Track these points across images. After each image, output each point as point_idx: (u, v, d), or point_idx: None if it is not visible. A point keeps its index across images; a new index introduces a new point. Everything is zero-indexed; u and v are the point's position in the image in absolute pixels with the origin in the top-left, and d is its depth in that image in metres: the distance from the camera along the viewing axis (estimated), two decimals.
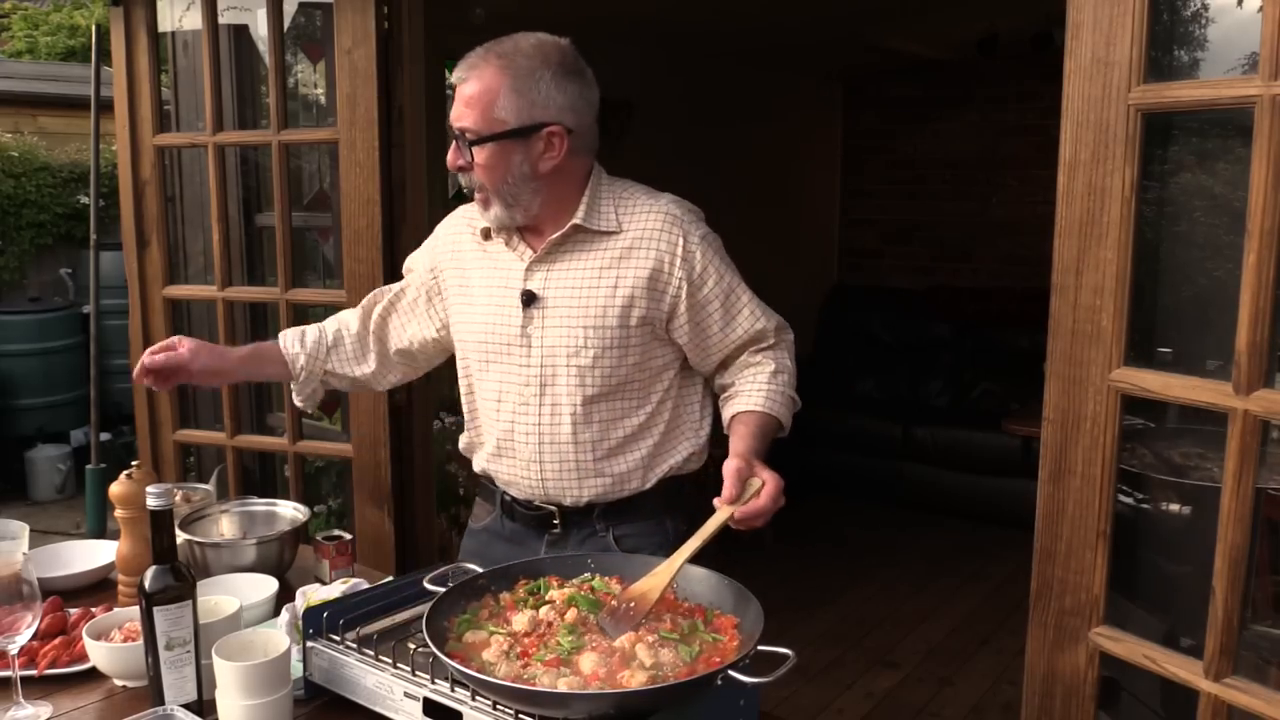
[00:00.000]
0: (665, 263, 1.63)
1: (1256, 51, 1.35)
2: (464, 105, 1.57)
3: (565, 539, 1.74)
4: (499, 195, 1.61)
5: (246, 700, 1.28)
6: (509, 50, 1.59)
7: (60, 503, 5.42)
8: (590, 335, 1.62)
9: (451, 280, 1.78)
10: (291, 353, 1.88)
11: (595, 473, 1.69)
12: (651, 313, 1.64)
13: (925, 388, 5.94)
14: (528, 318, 1.65)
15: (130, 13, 2.69)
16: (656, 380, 1.69)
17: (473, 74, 1.58)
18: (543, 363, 1.66)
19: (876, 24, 4.96)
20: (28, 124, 6.60)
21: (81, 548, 1.96)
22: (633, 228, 1.65)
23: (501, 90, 1.56)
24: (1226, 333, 1.41)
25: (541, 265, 1.66)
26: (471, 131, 1.57)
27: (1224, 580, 1.44)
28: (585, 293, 1.63)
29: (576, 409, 1.65)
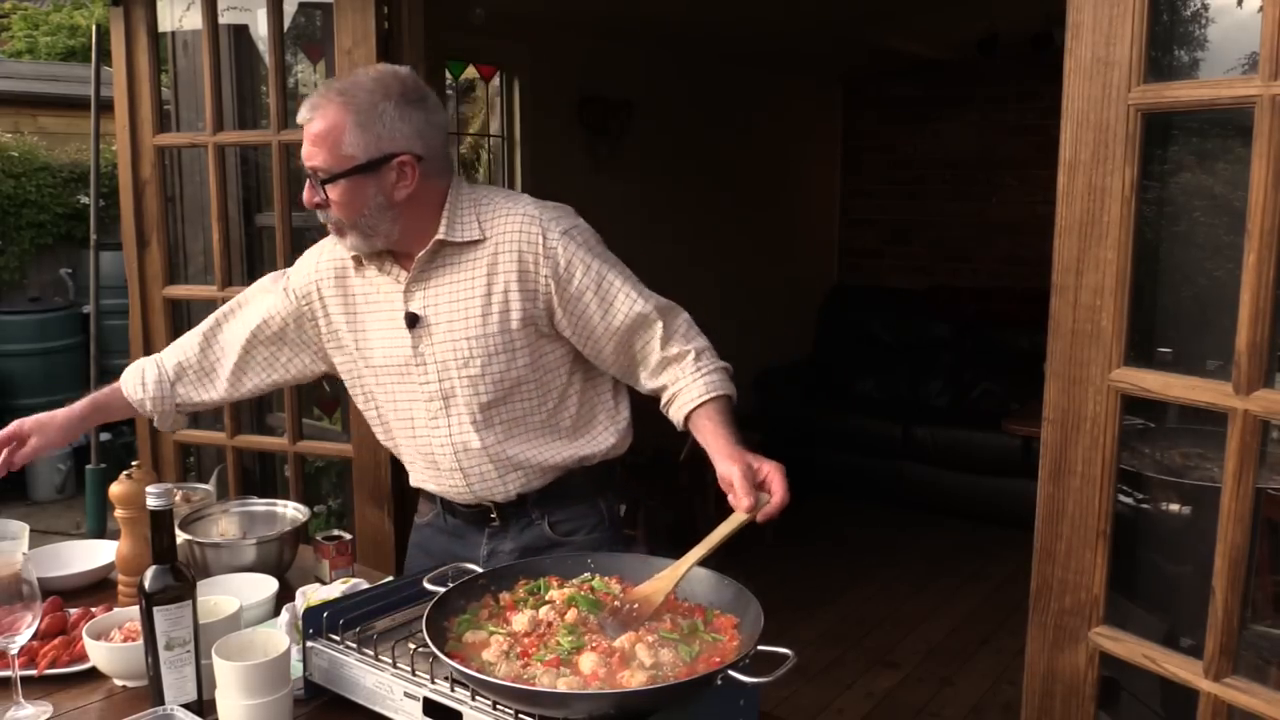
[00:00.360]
0: (529, 262, 1.64)
1: (1256, 51, 1.35)
2: (312, 145, 1.60)
3: (505, 530, 1.80)
4: (356, 227, 1.64)
5: (246, 700, 1.28)
6: (349, 87, 1.61)
7: (60, 503, 5.42)
8: (474, 345, 1.66)
9: (335, 310, 1.79)
10: (136, 398, 1.91)
11: (514, 468, 1.74)
12: (529, 312, 1.66)
13: (925, 388, 5.94)
14: (416, 338, 1.70)
15: (130, 13, 2.69)
16: (553, 375, 1.71)
17: (317, 114, 1.59)
18: (440, 378, 1.70)
19: (877, 24, 4.96)
20: (28, 124, 6.60)
21: (81, 548, 1.96)
22: (495, 233, 1.67)
23: (346, 126, 1.58)
24: (1226, 333, 1.40)
25: (418, 285, 1.69)
26: (322, 170, 1.60)
27: (1224, 580, 1.44)
28: (462, 305, 1.67)
29: (477, 416, 1.70)
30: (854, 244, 6.87)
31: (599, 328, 1.68)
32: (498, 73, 4.75)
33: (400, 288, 1.70)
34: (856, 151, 6.79)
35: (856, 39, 5.29)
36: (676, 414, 1.68)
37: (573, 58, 4.79)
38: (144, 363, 1.94)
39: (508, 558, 1.77)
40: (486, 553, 1.81)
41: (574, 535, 1.79)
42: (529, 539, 1.78)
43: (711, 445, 1.59)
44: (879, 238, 6.75)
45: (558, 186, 4.97)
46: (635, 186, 5.18)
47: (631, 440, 1.83)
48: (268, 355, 1.87)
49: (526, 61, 4.68)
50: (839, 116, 6.84)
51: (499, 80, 4.77)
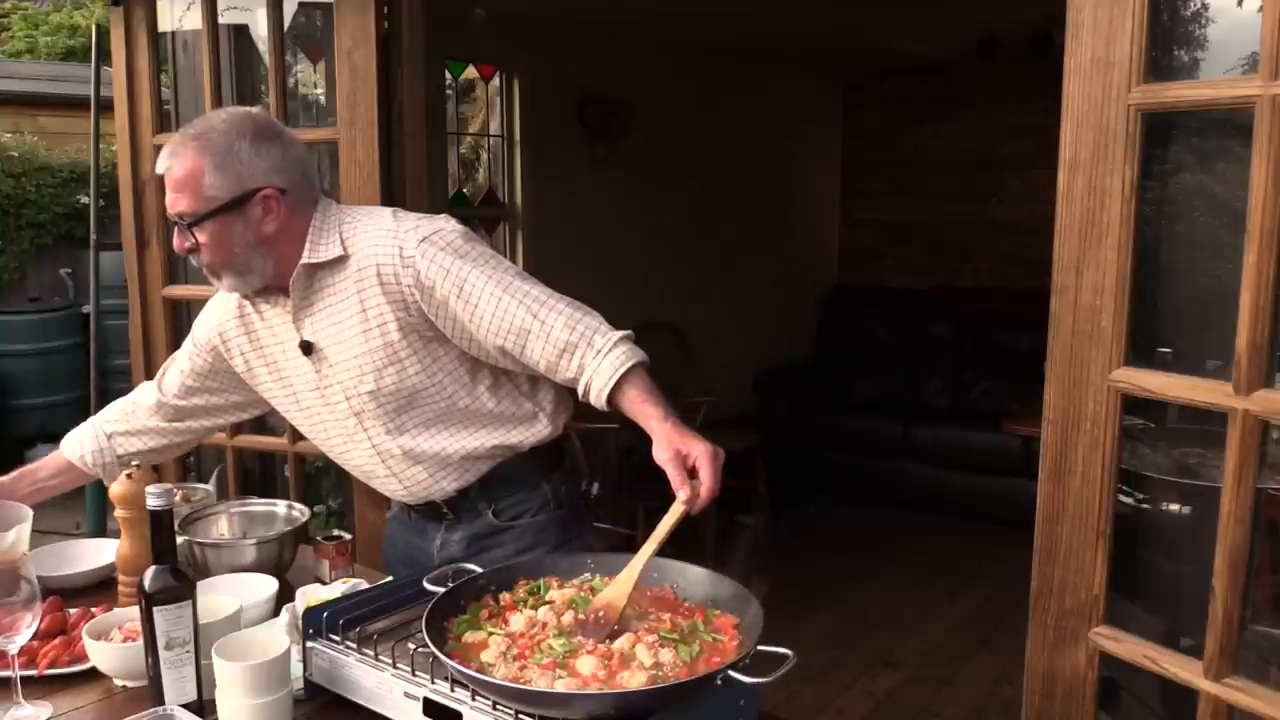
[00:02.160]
0: (389, 276, 1.64)
1: (1256, 51, 1.35)
2: (175, 191, 1.62)
3: (458, 522, 1.84)
4: (229, 267, 1.66)
5: (246, 700, 1.28)
6: (203, 130, 1.63)
7: (60, 503, 5.39)
8: (363, 362, 1.68)
9: (245, 351, 1.82)
10: (76, 456, 1.92)
11: (443, 465, 1.76)
12: (406, 322, 1.65)
13: (925, 388, 5.94)
14: (315, 364, 1.73)
15: (130, 13, 2.69)
16: (453, 376, 1.71)
17: (175, 160, 1.61)
18: (345, 397, 1.73)
19: (877, 24, 4.96)
20: (28, 124, 6.60)
21: (81, 548, 1.96)
22: (356, 250, 1.67)
23: (205, 169, 1.60)
24: (1226, 333, 1.40)
25: (303, 314, 1.71)
26: (188, 214, 1.61)
27: (1224, 580, 1.44)
28: (343, 325, 1.69)
29: (390, 425, 1.73)
30: (854, 244, 6.88)
31: (471, 329, 1.65)
32: (498, 73, 4.75)
33: (289, 318, 1.73)
34: (856, 151, 6.80)
35: (857, 39, 5.29)
36: (598, 401, 1.60)
37: (573, 58, 4.79)
38: (78, 430, 1.97)
39: (456, 546, 1.82)
40: (439, 543, 1.85)
41: (518, 520, 1.81)
42: (477, 527, 1.82)
43: (642, 425, 1.53)
44: (879, 238, 6.75)
45: (557, 186, 4.99)
46: (635, 186, 5.18)
47: (567, 418, 1.83)
48: (202, 401, 1.93)
49: (526, 61, 4.68)
50: (839, 116, 6.84)
51: (499, 80, 4.77)
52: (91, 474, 1.94)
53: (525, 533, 1.81)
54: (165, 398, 1.92)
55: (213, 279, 1.70)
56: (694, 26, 4.80)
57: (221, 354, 1.85)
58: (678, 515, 1.39)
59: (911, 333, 6.25)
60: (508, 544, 1.80)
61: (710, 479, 1.41)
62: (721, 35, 5.04)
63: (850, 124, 6.81)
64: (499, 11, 4.11)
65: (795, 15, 4.60)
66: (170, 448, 1.99)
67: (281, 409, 1.87)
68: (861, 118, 6.75)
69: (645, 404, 1.53)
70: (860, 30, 5.05)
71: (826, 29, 5.00)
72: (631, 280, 5.00)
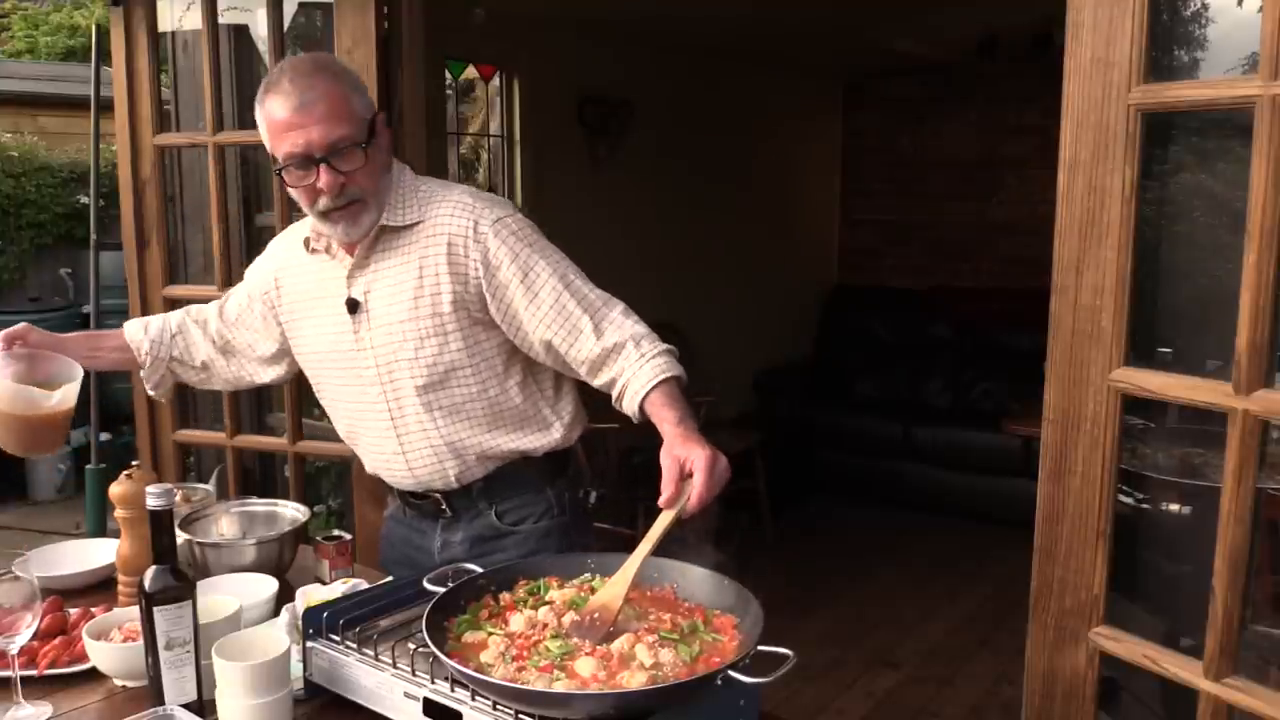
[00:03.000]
0: (459, 246, 1.65)
1: (1256, 51, 1.35)
2: (323, 122, 1.57)
3: (456, 521, 1.82)
4: (377, 196, 1.66)
5: (247, 700, 1.28)
6: (319, 62, 1.65)
7: (60, 503, 5.42)
8: (407, 328, 1.68)
9: (289, 300, 1.83)
10: (135, 340, 1.92)
11: (452, 454, 1.75)
12: (460, 296, 1.66)
13: (925, 388, 5.94)
14: (356, 323, 1.72)
15: (130, 13, 2.69)
16: (490, 363, 1.71)
17: (314, 92, 1.58)
18: (377, 363, 1.72)
19: (877, 24, 4.96)
20: (28, 124, 6.60)
21: (81, 548, 1.95)
22: (430, 217, 1.69)
23: (347, 92, 1.62)
24: (1226, 333, 1.41)
25: (360, 271, 1.72)
26: (351, 138, 1.60)
27: (1224, 580, 1.44)
28: (397, 288, 1.69)
29: (416, 400, 1.71)
30: (854, 244, 6.87)
31: (525, 318, 1.66)
32: (498, 73, 4.74)
33: (344, 273, 1.73)
34: (856, 151, 6.79)
35: (857, 39, 5.29)
36: (630, 406, 1.62)
37: (573, 58, 4.79)
38: (147, 318, 1.98)
39: (459, 547, 1.80)
40: (440, 543, 1.84)
41: (521, 525, 1.81)
42: (478, 529, 1.81)
43: (659, 429, 1.55)
44: (879, 238, 6.75)
45: (557, 186, 4.99)
46: (635, 186, 5.18)
47: (582, 430, 1.84)
48: (237, 337, 1.93)
49: (526, 61, 4.68)
50: (839, 116, 6.84)
51: (499, 80, 4.77)
52: (139, 363, 1.92)
53: (529, 538, 1.80)
54: (219, 322, 1.93)
55: (346, 219, 1.65)
56: (694, 26, 4.80)
57: (272, 299, 1.85)
58: (668, 520, 1.40)
59: (911, 333, 6.25)
60: (510, 549, 1.80)
61: (702, 484, 1.41)
62: (722, 35, 5.04)
63: (850, 124, 6.81)
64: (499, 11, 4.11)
65: (795, 15, 4.60)
66: (206, 375, 1.98)
67: (308, 365, 1.86)
68: (861, 118, 6.75)
69: (666, 409, 1.56)
70: (860, 30, 5.05)
71: (826, 29, 5.00)
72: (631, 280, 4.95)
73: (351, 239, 1.69)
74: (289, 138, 1.59)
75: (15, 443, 1.72)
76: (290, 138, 1.58)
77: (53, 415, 1.70)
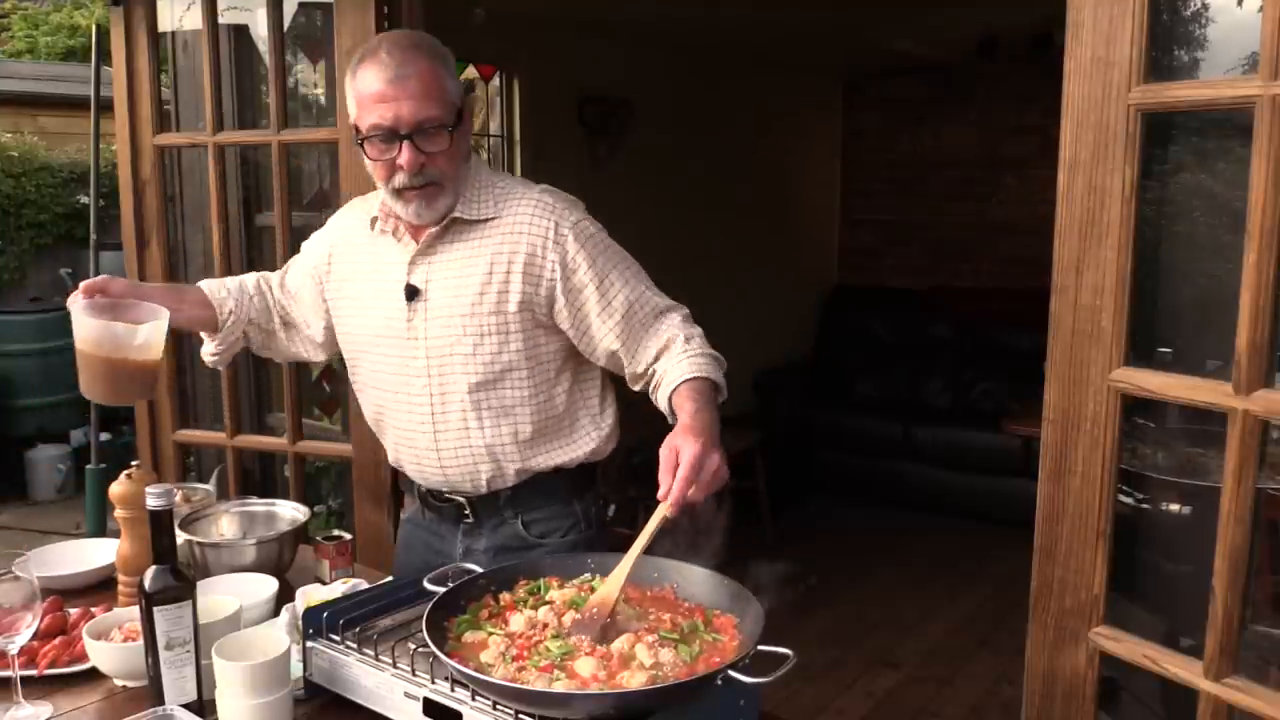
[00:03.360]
0: (538, 248, 1.64)
1: (1256, 51, 1.35)
2: (416, 98, 1.55)
3: (478, 528, 1.78)
4: (454, 180, 1.64)
5: (247, 700, 1.28)
6: (421, 41, 1.62)
7: (60, 503, 5.42)
8: (468, 323, 1.65)
9: (341, 274, 1.80)
10: (218, 296, 1.85)
11: (490, 459, 1.71)
12: (529, 298, 1.64)
13: (925, 388, 5.94)
14: (412, 311, 1.69)
15: (130, 13, 2.69)
16: (545, 368, 1.70)
17: (410, 67, 1.56)
18: (428, 354, 1.68)
19: (877, 24, 4.96)
20: (28, 124, 6.60)
21: (81, 548, 1.95)
22: (507, 214, 1.66)
23: (443, 74, 1.60)
24: (1226, 333, 1.41)
25: (423, 258, 1.69)
26: (439, 119, 1.58)
27: (1224, 580, 1.44)
28: (462, 282, 1.66)
29: (465, 397, 1.68)
30: (854, 244, 6.87)
31: (595, 323, 1.67)
32: (498, 73, 4.74)
33: (406, 259, 1.69)
34: (856, 151, 6.79)
35: (857, 39, 5.29)
36: (661, 399, 1.63)
37: (573, 58, 4.79)
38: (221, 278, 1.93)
39: (482, 556, 1.76)
40: (462, 550, 1.80)
41: (548, 537, 1.77)
42: (503, 538, 1.77)
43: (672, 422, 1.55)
44: (879, 238, 6.75)
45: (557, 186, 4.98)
46: (635, 186, 5.18)
47: (615, 444, 1.81)
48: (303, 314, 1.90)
49: (526, 61, 4.68)
50: (839, 116, 6.84)
51: (499, 80, 4.76)
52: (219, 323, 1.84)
53: (556, 552, 1.75)
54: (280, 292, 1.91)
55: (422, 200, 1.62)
56: (694, 26, 4.80)
57: (321, 274, 1.82)
58: (657, 520, 1.39)
59: (911, 333, 6.25)
60: None
61: (682, 478, 1.37)
62: (722, 35, 5.04)
63: (850, 124, 6.81)
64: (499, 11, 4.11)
65: (795, 15, 4.60)
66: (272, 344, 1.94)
67: (348, 345, 1.82)
68: (861, 118, 6.74)
69: (687, 401, 1.54)
70: (860, 30, 5.05)
71: (826, 29, 5.00)
72: None
73: (423, 221, 1.66)
74: (378, 109, 1.56)
75: (104, 389, 1.63)
76: (379, 109, 1.56)
77: (142, 357, 1.61)
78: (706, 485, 1.40)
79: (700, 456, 1.38)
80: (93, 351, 1.60)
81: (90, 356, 1.60)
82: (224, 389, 2.76)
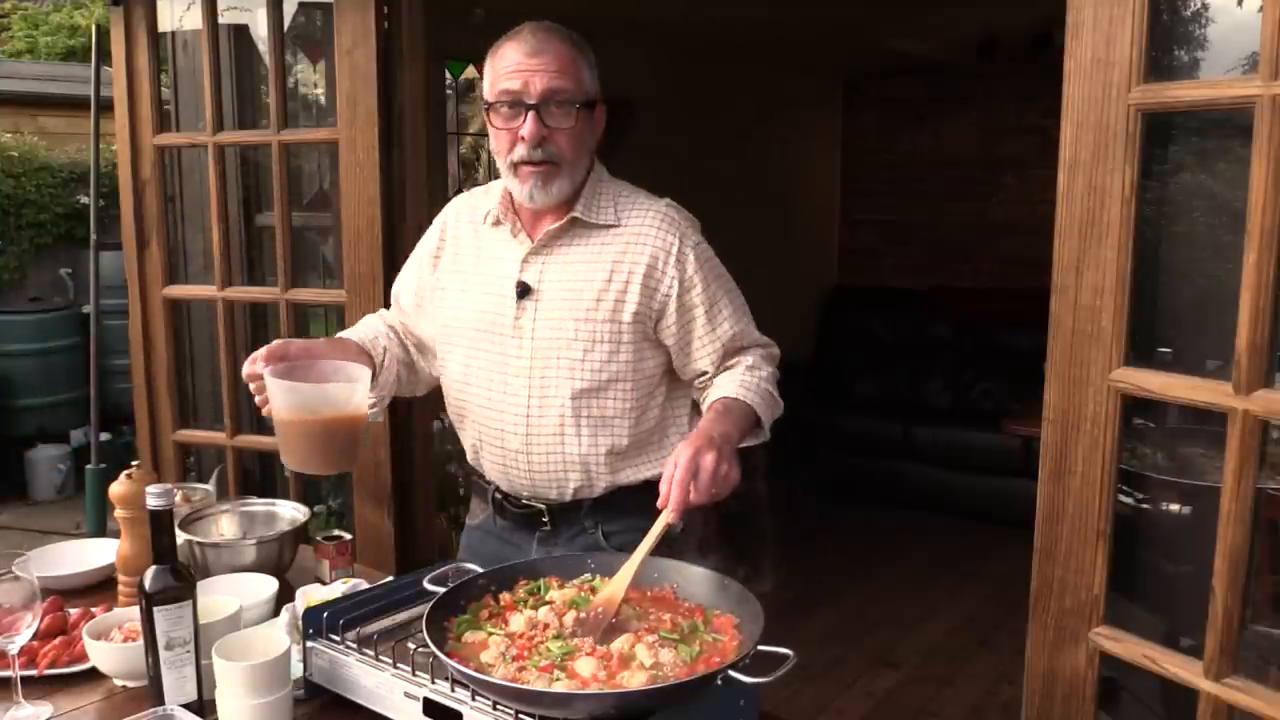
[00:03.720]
0: (660, 260, 1.64)
1: (1256, 51, 1.35)
2: (552, 69, 1.57)
3: (555, 536, 1.73)
4: (572, 166, 1.63)
5: (247, 700, 1.28)
6: (564, 30, 1.63)
7: (60, 503, 5.42)
8: (581, 328, 1.63)
9: (447, 265, 1.79)
10: (370, 339, 1.80)
11: (581, 468, 1.68)
12: (643, 309, 1.64)
13: (925, 388, 5.94)
14: (520, 308, 1.66)
15: (130, 13, 2.69)
16: (646, 382, 1.68)
17: (548, 45, 1.58)
18: (533, 354, 1.66)
19: (877, 24, 4.96)
20: (28, 124, 6.60)
21: (81, 548, 1.95)
22: (630, 224, 1.66)
23: (579, 61, 1.61)
24: (1226, 333, 1.41)
25: (538, 256, 1.67)
26: (570, 93, 1.58)
27: (1224, 580, 1.44)
28: (579, 285, 1.64)
29: (565, 402, 1.65)
30: (854, 244, 6.87)
31: (697, 344, 1.68)
32: None
33: (519, 255, 1.67)
34: (856, 151, 6.79)
35: (857, 39, 5.29)
36: (703, 405, 1.67)
37: None
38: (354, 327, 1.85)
39: None
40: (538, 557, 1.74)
41: (626, 549, 1.71)
42: (579, 548, 1.70)
43: None
44: (879, 238, 6.75)
45: None
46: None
47: None
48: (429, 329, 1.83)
49: None
50: (839, 116, 6.84)
51: None
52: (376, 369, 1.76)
53: None
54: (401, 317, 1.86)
55: (537, 180, 1.61)
56: (694, 27, 4.80)
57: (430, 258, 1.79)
58: (662, 525, 1.40)
59: (911, 333, 6.25)
60: None
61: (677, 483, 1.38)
62: (721, 35, 5.03)
63: (850, 124, 6.81)
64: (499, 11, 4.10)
65: (795, 15, 4.59)
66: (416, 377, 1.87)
67: (443, 333, 1.78)
68: (861, 118, 6.74)
69: (711, 412, 1.59)
70: (860, 30, 5.05)
71: (826, 29, 5.00)
72: None
73: (535, 203, 1.63)
74: (509, 76, 1.58)
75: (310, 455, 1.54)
76: (510, 76, 1.58)
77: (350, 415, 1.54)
78: (706, 487, 1.40)
79: (693, 459, 1.40)
80: (295, 418, 1.52)
81: (304, 424, 1.52)
82: (224, 389, 2.76)
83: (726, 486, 1.44)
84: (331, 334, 1.92)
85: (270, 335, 3.12)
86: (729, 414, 1.58)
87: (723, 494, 1.44)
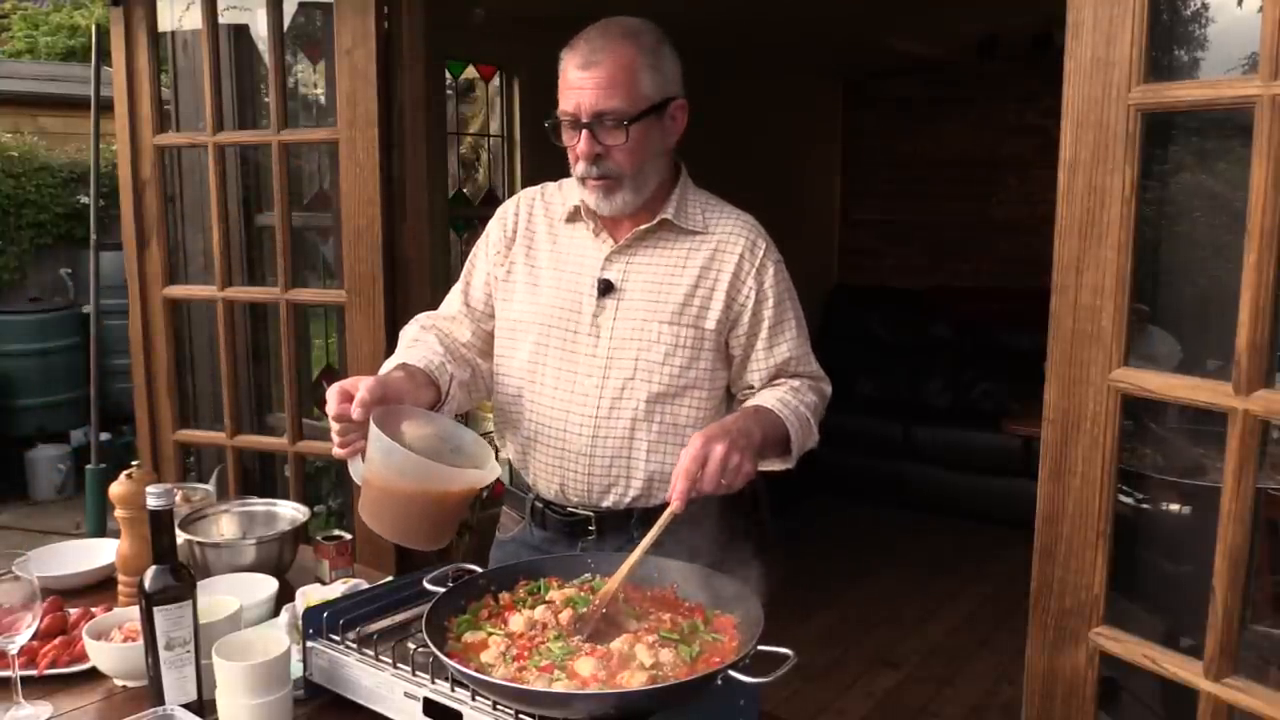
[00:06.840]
0: (744, 271, 1.65)
1: (1256, 51, 1.35)
2: (602, 87, 1.53)
3: (600, 546, 1.67)
4: (635, 178, 1.60)
5: (247, 700, 1.28)
6: (632, 28, 1.60)
7: (60, 503, 5.42)
8: (664, 332, 1.62)
9: (519, 256, 1.73)
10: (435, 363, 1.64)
11: (641, 475, 1.64)
12: (724, 318, 1.64)
13: (925, 388, 5.94)
14: (600, 307, 1.64)
15: (130, 13, 2.70)
16: (716, 393, 1.68)
17: (604, 54, 1.55)
18: (610, 354, 1.63)
19: (877, 24, 4.96)
20: (28, 124, 6.60)
21: (81, 548, 1.95)
22: (719, 231, 1.66)
23: (641, 66, 1.56)
24: (1226, 333, 1.41)
25: (622, 255, 1.66)
26: (619, 112, 1.54)
27: (1224, 580, 1.44)
28: (664, 288, 1.63)
29: (639, 405, 1.62)
30: (854, 244, 6.87)
31: (754, 358, 1.68)
32: (498, 73, 4.74)
33: (602, 253, 1.66)
34: (856, 151, 6.79)
35: (857, 39, 5.29)
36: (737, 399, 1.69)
37: None
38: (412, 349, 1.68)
39: None
40: None
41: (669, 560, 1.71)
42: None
43: None
44: (879, 238, 6.75)
45: None
46: None
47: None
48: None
49: (526, 61, 4.68)
50: (839, 116, 6.84)
51: (499, 80, 4.76)
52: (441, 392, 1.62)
53: None
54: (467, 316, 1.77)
55: (599, 191, 1.59)
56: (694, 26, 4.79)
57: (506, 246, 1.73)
58: (666, 519, 1.40)
59: (911, 333, 6.25)
60: None
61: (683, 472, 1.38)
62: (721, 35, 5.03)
63: (850, 124, 6.81)
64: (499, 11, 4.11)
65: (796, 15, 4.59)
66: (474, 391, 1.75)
67: (506, 327, 1.72)
68: (861, 117, 6.74)
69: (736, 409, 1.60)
70: (860, 30, 5.05)
71: (827, 28, 5.00)
72: None
73: (602, 213, 1.63)
74: (566, 94, 1.57)
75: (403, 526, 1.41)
76: (567, 95, 1.57)
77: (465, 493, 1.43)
78: (714, 476, 1.39)
79: (702, 449, 1.40)
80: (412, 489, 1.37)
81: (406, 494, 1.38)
82: (224, 389, 2.76)
83: (738, 478, 1.42)
84: (331, 334, 1.91)
85: (270, 335, 3.13)
86: (755, 415, 1.57)
87: (734, 485, 1.43)
